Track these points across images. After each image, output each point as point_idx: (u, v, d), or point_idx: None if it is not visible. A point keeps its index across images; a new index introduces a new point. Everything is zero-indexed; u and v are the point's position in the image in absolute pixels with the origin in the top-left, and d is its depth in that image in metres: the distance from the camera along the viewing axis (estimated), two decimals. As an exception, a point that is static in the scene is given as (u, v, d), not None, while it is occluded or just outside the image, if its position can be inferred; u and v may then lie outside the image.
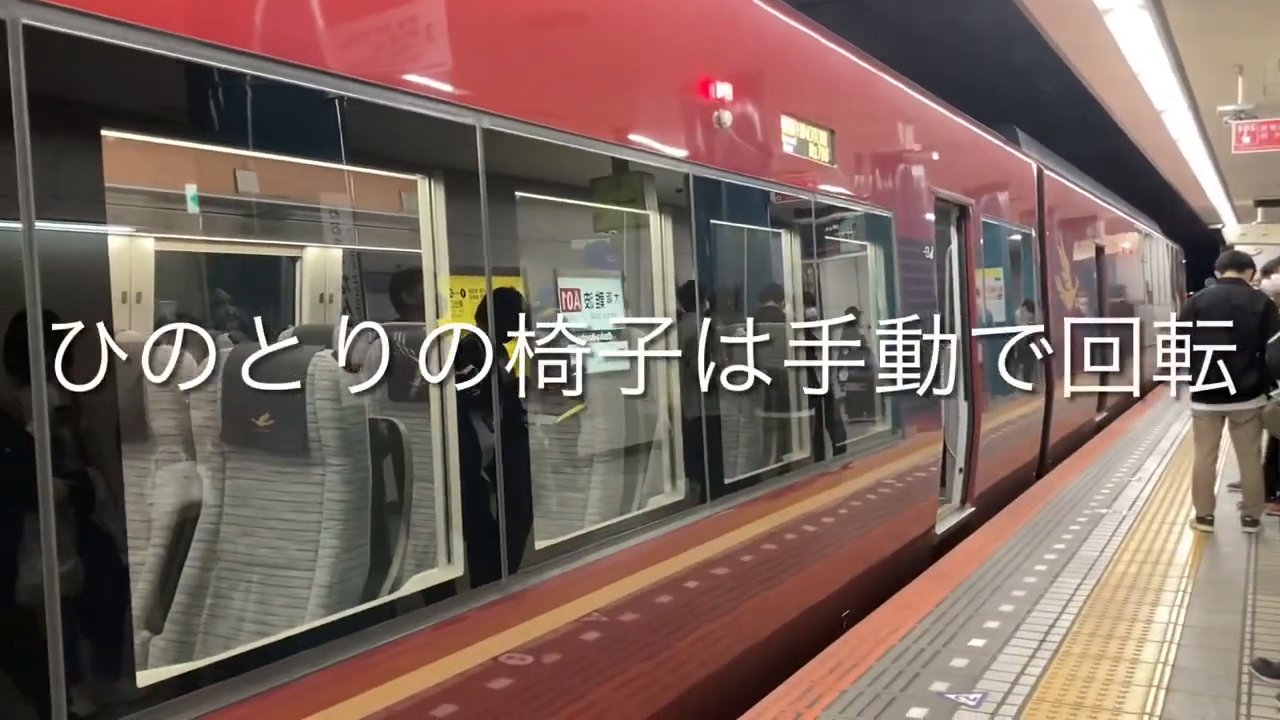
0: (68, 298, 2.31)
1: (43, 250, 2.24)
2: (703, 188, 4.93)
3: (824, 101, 6.49)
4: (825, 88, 6.72)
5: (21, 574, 2.23)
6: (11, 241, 2.21)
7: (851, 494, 6.49)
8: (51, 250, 2.28)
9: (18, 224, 2.21)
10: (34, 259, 2.23)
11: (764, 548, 5.37)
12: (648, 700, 4.41)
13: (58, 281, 2.28)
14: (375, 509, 3.40)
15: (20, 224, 2.22)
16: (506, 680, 3.56)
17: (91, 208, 2.43)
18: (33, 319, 2.22)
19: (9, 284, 2.21)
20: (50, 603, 2.24)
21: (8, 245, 2.22)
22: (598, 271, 5.48)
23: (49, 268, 2.25)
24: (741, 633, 5.19)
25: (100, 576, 2.43)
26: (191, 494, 3.42)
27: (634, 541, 4.32)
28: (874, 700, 4.66)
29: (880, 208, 7.20)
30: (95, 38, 2.39)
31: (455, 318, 3.49)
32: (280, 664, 2.76)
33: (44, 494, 2.24)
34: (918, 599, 6.19)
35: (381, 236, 5.89)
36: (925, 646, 5.34)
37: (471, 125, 3.49)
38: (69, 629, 2.27)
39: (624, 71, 4.56)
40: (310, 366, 3.21)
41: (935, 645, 5.36)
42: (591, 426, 4.87)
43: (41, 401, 2.24)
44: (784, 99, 5.90)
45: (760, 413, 5.91)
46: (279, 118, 2.99)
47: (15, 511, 2.23)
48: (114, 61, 2.45)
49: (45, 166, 2.25)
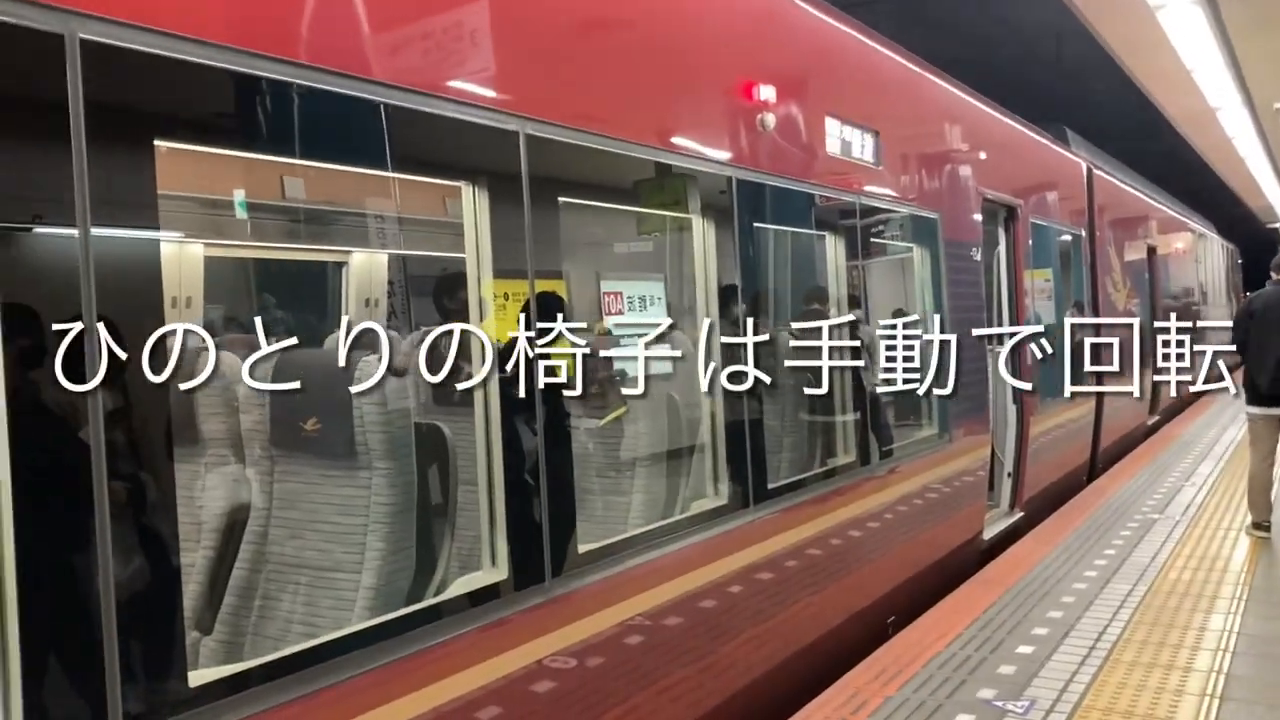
0: (122, 302, 2.37)
1: (98, 256, 2.30)
2: (746, 190, 4.94)
3: (869, 102, 6.46)
4: (870, 89, 6.69)
5: (78, 576, 2.29)
6: (68, 247, 2.27)
7: (897, 499, 6.45)
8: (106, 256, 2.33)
9: (74, 230, 2.27)
10: (89, 264, 2.28)
11: (808, 553, 5.36)
12: (692, 705, 4.42)
13: (112, 286, 2.33)
14: (420, 512, 3.44)
15: (76, 230, 2.27)
16: (550, 683, 3.58)
17: (144, 214, 2.49)
18: (88, 324, 2.28)
19: (65, 289, 2.26)
20: (105, 604, 2.30)
21: (65, 251, 2.27)
22: (640, 275, 5.50)
23: (104, 273, 2.31)
24: (786, 638, 5.17)
25: (153, 578, 2.48)
26: (241, 497, 3.48)
27: (677, 546, 4.32)
28: (919, 707, 4.63)
29: (926, 209, 7.15)
30: (148, 50, 2.45)
31: (498, 321, 3.53)
32: (327, 665, 2.80)
33: (99, 497, 2.29)
34: (965, 605, 6.14)
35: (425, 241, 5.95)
36: (972, 653, 5.29)
37: (515, 131, 3.52)
38: (124, 630, 2.33)
39: (666, 75, 4.58)
40: (356, 372, 3.25)
41: (982, 652, 5.31)
42: (634, 430, 4.89)
43: (96, 405, 2.30)
44: (828, 101, 5.88)
45: (804, 416, 5.89)
46: (325, 126, 3.04)
47: (71, 514, 2.29)
48: (166, 72, 2.51)
49: (100, 174, 2.31)
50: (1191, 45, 10.12)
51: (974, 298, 7.95)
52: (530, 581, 3.51)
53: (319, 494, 3.35)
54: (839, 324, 6.03)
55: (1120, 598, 6.21)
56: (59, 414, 2.30)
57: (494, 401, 3.44)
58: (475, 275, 3.50)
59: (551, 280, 3.80)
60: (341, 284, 6.36)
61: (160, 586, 2.50)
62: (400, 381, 3.34)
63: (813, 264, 6.06)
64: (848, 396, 6.04)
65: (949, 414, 7.22)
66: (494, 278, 3.51)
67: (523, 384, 3.49)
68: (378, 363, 3.26)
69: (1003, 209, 8.84)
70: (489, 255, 3.48)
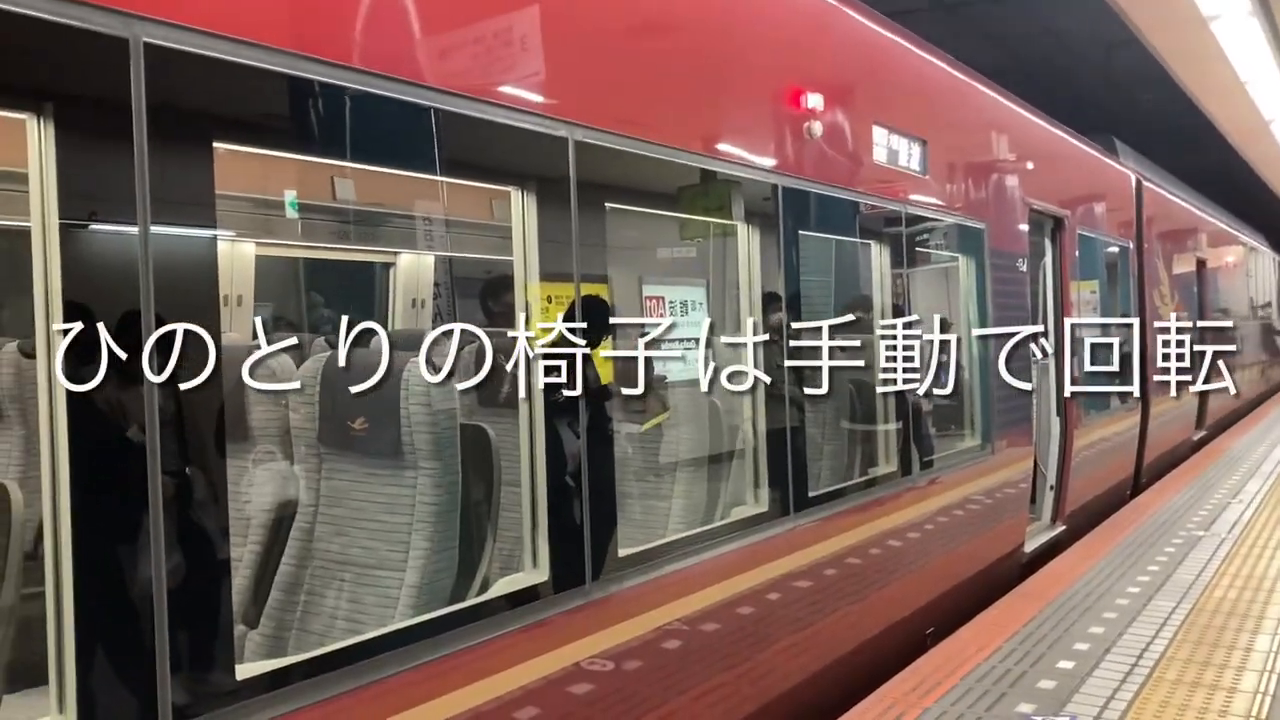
0: (179, 299, 2.41)
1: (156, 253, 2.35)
2: (791, 198, 4.93)
3: (916, 111, 6.43)
4: (918, 97, 6.66)
5: (131, 569, 2.33)
6: (128, 245, 2.32)
7: (938, 509, 6.41)
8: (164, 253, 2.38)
9: (134, 228, 2.32)
10: (149, 262, 2.33)
11: (847, 562, 5.34)
12: (727, 712, 4.42)
13: (170, 284, 2.38)
14: (464, 512, 3.47)
15: (136, 228, 2.32)
16: (588, 686, 3.60)
17: (202, 213, 2.53)
18: (146, 321, 2.32)
19: (125, 285, 2.31)
20: (158, 597, 2.34)
21: (125, 248, 2.32)
22: (683, 280, 5.51)
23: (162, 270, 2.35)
24: (823, 647, 5.16)
25: (204, 573, 2.53)
26: (288, 493, 3.53)
27: (716, 552, 4.33)
28: (958, 719, 4.60)
29: (973, 218, 7.11)
30: (207, 53, 2.50)
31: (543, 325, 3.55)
32: (371, 662, 2.83)
33: (153, 492, 2.34)
34: (1005, 618, 6.08)
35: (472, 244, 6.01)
36: (1012, 667, 5.24)
37: (564, 138, 3.55)
38: (174, 623, 2.37)
39: (714, 83, 4.59)
40: (404, 372, 3.29)
41: (1022, 666, 5.26)
42: (675, 435, 4.90)
43: (152, 401, 2.34)
44: (875, 109, 5.87)
45: (846, 425, 5.87)
46: (377, 129, 3.09)
47: (126, 508, 2.33)
48: (224, 76, 2.56)
49: (161, 175, 2.36)
50: (1247, 57, 9.97)
51: (1019, 309, 7.88)
52: (570, 584, 3.53)
53: (365, 492, 3.39)
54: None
55: (1164, 615, 6.12)
56: (116, 409, 2.34)
57: (537, 404, 3.47)
58: (522, 278, 3.52)
59: (596, 284, 3.83)
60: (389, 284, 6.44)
61: (210, 581, 2.55)
62: (446, 383, 3.37)
63: (857, 272, 6.04)
64: (889, 405, 6.02)
65: (991, 425, 7.16)
66: (540, 281, 3.53)
67: (566, 387, 3.51)
68: (425, 364, 3.31)
69: (1050, 220, 8.76)
70: (535, 258, 3.51)
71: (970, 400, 7.24)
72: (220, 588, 2.58)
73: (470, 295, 5.62)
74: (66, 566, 2.22)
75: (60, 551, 2.22)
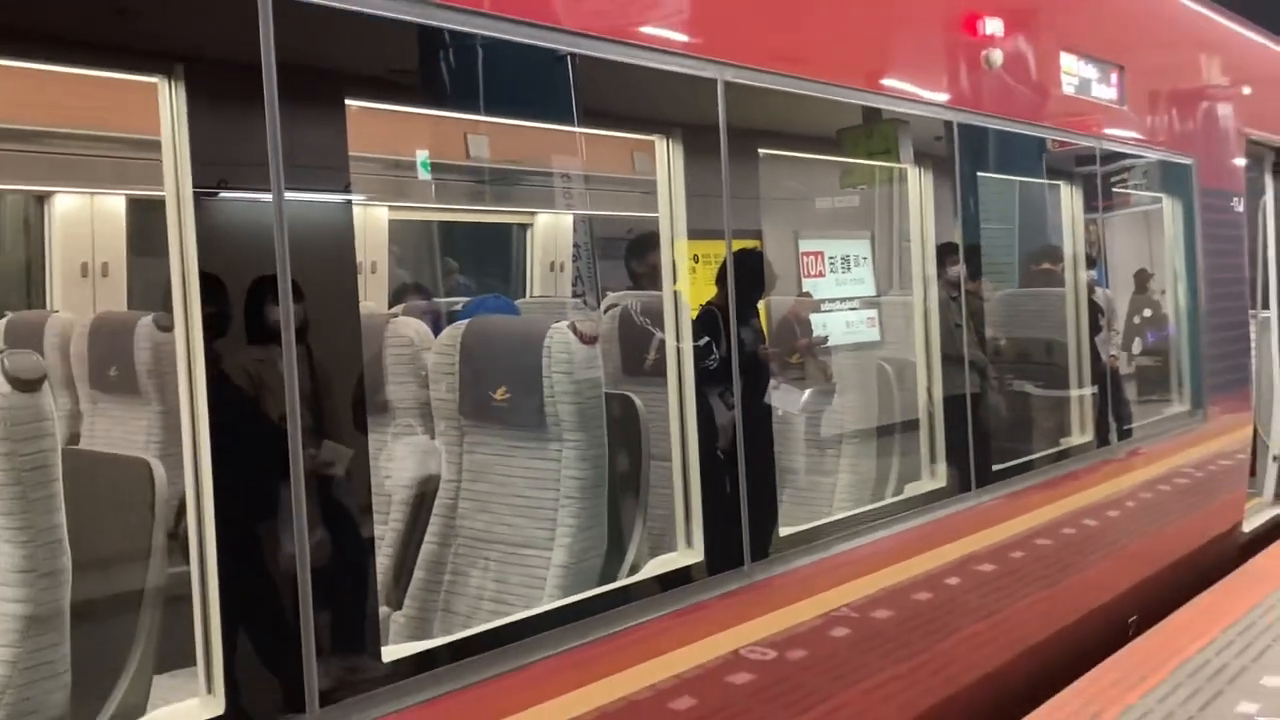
0: (315, 268, 2.50)
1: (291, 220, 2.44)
2: (968, 136, 4.80)
3: (1111, 34, 6.17)
4: (1112, 18, 6.38)
5: (275, 552, 2.44)
6: (262, 212, 2.42)
7: (1140, 484, 6.19)
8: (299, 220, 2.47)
9: (268, 195, 2.41)
10: (283, 230, 2.42)
11: (1036, 543, 5.21)
12: (905, 705, 4.38)
13: (304, 251, 2.47)
14: (612, 488, 3.52)
15: (270, 195, 2.41)
16: (749, 675, 3.61)
17: (336, 177, 2.62)
18: (283, 289, 2.42)
19: (260, 253, 2.41)
20: (302, 580, 2.44)
21: (259, 216, 2.42)
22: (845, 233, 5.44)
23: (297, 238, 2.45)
24: (1011, 636, 5.06)
25: (347, 551, 2.63)
26: (429, 468, 3.64)
27: (889, 532, 4.28)
28: (1167, 718, 4.45)
29: (1178, 154, 6.80)
30: (335, 5, 2.57)
31: (692, 285, 3.56)
32: (519, 646, 2.90)
33: (294, 467, 2.44)
34: (1221, 605, 5.86)
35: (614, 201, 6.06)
36: (1230, 661, 5.04)
37: (713, 79, 3.53)
38: (319, 607, 2.47)
39: (878, 9, 4.49)
40: (546, 339, 3.35)
41: (1242, 660, 5.05)
42: (841, 404, 4.85)
43: (291, 373, 2.44)
44: (1063, 33, 5.65)
45: (1034, 390, 5.72)
46: (513, 80, 3.13)
47: (267, 485, 2.44)
48: (353, 28, 2.63)
49: (293, 137, 2.44)
50: None
51: (1234, 254, 7.51)
52: (728, 565, 3.54)
53: (509, 466, 3.47)
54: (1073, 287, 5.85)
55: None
56: (255, 383, 2.45)
57: (688, 372, 3.48)
58: (669, 236, 3.53)
59: (749, 239, 3.80)
60: (526, 247, 6.57)
61: (354, 560, 2.65)
62: (589, 350, 3.42)
63: (1044, 218, 5.85)
64: (1083, 368, 5.83)
65: (1202, 388, 6.87)
66: (688, 239, 3.53)
67: (720, 353, 3.52)
68: (567, 330, 3.37)
69: (1271, 152, 8.31)
70: (683, 214, 3.50)
71: (1177, 360, 6.96)
72: (365, 567, 2.68)
73: (612, 256, 5.68)
74: (210, 546, 2.33)
75: (204, 531, 2.34)
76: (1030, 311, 6.09)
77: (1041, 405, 5.80)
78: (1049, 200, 5.85)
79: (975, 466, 4.76)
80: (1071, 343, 5.86)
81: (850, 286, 5.04)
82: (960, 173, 4.77)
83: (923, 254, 4.74)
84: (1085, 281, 5.89)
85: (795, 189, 5.26)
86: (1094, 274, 6.03)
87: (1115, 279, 6.66)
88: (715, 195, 3.60)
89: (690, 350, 3.49)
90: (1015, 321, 5.93)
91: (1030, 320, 6.05)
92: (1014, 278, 6.58)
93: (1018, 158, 5.46)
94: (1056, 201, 5.84)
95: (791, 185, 5.10)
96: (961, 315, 4.80)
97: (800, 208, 5.49)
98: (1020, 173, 5.65)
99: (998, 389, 5.19)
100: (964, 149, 4.78)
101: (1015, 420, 5.49)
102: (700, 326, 3.53)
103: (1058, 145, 5.69)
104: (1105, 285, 6.21)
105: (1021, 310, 6.07)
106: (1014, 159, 5.43)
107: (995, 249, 5.50)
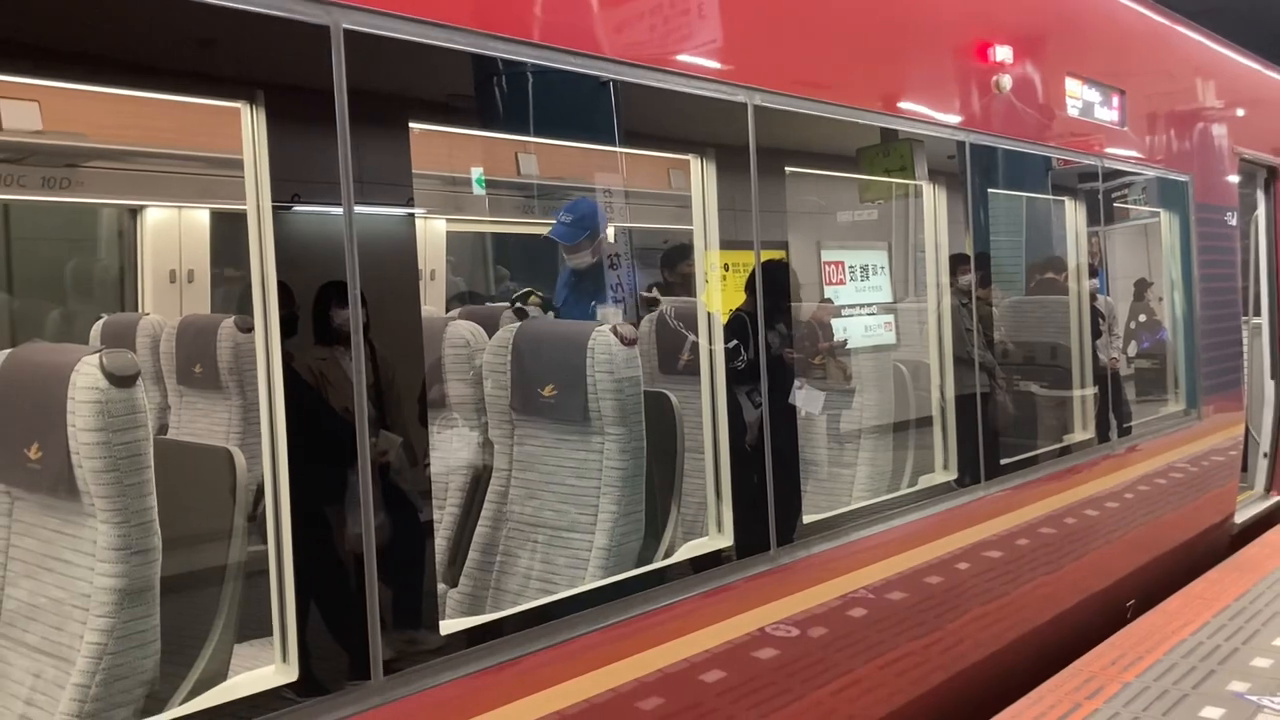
0: (381, 275, 2.53)
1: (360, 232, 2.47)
2: (979, 155, 4.78)
3: (1112, 60, 6.11)
4: (1113, 45, 6.31)
5: (342, 529, 2.47)
6: (334, 225, 2.45)
7: (1138, 478, 6.12)
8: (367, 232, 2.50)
9: (339, 209, 2.44)
10: (353, 241, 2.45)
11: (1040, 532, 5.17)
12: (917, 680, 4.36)
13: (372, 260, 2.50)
14: (649, 477, 3.53)
15: (341, 209, 2.45)
16: (772, 651, 3.61)
17: (400, 193, 2.64)
18: (352, 295, 2.45)
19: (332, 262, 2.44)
20: (368, 557, 2.48)
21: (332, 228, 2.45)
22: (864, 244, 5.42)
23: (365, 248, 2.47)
24: (1016, 618, 5.02)
25: (409, 533, 2.66)
26: (483, 458, 3.66)
27: (904, 520, 4.26)
28: (1162, 696, 4.39)
29: (1175, 171, 6.72)
30: (401, 37, 2.60)
31: (724, 293, 3.56)
32: (563, 621, 2.92)
33: (362, 456, 2.47)
34: (1213, 592, 5.78)
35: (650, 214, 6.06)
36: (1222, 643, 4.97)
37: (744, 103, 3.53)
38: (384, 581, 2.50)
39: (894, 38, 4.47)
40: (590, 341, 3.36)
41: (1233, 642, 4.98)
42: (860, 402, 4.83)
43: (360, 370, 2.47)
44: (1068, 59, 5.60)
45: (1039, 390, 5.67)
46: (560, 103, 3.15)
47: (338, 472, 2.48)
48: (417, 58, 2.66)
49: (362, 156, 2.47)
50: None
51: (1228, 265, 7.41)
52: (755, 549, 3.54)
53: (555, 456, 3.49)
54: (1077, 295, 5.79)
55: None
56: (328, 380, 2.48)
57: (719, 372, 3.48)
58: (702, 246, 3.53)
59: (776, 250, 3.80)
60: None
61: (415, 541, 2.68)
62: (629, 351, 3.43)
63: (1049, 231, 5.80)
64: (1085, 370, 5.78)
65: (1197, 389, 6.78)
66: (720, 249, 3.54)
67: (749, 354, 3.52)
68: (609, 333, 3.38)
69: (1262, 169, 8.19)
70: (715, 227, 3.51)
71: (1174, 363, 6.88)
72: (425, 547, 2.71)
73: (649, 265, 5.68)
74: (285, 528, 2.37)
75: (280, 513, 2.38)
76: (1036, 317, 6.05)
77: (1046, 404, 5.75)
78: (1054, 214, 5.80)
79: (984, 461, 4.73)
80: (1074, 346, 5.81)
81: (869, 294, 5.03)
82: (971, 189, 4.74)
83: (936, 264, 4.72)
84: (1088, 290, 5.84)
85: (818, 203, 5.25)
86: (1096, 283, 5.97)
87: (1116, 287, 6.60)
88: (745, 209, 3.60)
89: (721, 352, 3.50)
90: (1022, 326, 5.88)
91: (1036, 325, 6.01)
92: (1021, 286, 6.53)
93: (1025, 175, 5.42)
94: (1061, 215, 5.79)
95: (815, 200, 5.09)
96: (972, 320, 4.77)
97: (823, 221, 5.47)
98: (1027, 189, 5.60)
99: (1005, 389, 5.15)
100: (975, 167, 4.76)
101: (1021, 418, 5.44)
102: (730, 330, 3.54)
103: (1063, 164, 5.64)
104: (1106, 293, 6.15)
105: (1028, 316, 6.02)
106: (1022, 176, 5.39)
107: (1004, 259, 5.44)
